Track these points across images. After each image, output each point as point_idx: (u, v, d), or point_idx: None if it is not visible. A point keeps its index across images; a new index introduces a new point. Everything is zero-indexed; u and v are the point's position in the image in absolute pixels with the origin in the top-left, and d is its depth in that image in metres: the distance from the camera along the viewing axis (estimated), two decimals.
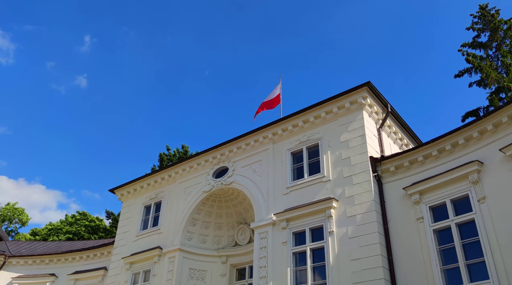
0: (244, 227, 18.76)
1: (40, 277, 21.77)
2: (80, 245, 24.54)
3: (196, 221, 18.75)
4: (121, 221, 21.59)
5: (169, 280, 17.37)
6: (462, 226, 11.99)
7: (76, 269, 21.79)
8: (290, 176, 16.23)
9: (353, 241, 13.40)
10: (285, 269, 14.44)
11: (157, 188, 20.78)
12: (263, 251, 15.32)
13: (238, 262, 18.31)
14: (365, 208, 13.63)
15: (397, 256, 12.72)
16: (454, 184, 12.40)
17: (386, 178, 14.13)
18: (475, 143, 12.54)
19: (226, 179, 18.16)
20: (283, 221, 15.27)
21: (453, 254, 11.76)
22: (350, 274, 12.96)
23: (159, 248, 18.42)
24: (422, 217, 12.66)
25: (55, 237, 38.59)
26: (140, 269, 18.82)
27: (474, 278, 11.12)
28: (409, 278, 12.17)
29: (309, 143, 16.41)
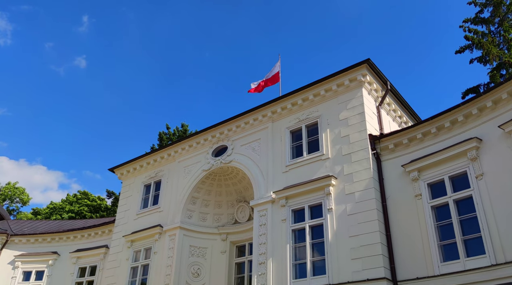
0: (243, 205, 18.90)
1: (43, 255, 22.04)
2: (81, 223, 24.78)
3: (196, 200, 18.87)
4: (121, 200, 21.74)
5: (170, 257, 17.59)
6: (459, 203, 12.09)
7: (77, 247, 22.05)
8: (289, 154, 16.26)
9: (351, 218, 13.51)
10: (285, 246, 14.60)
11: (156, 167, 20.84)
12: (262, 229, 15.46)
13: (238, 239, 18.52)
14: (364, 186, 13.69)
15: (395, 232, 12.85)
16: (453, 161, 12.43)
17: (385, 156, 14.15)
18: (474, 120, 12.51)
19: (225, 158, 18.20)
20: (282, 198, 15.37)
21: (450, 230, 11.89)
22: (349, 250, 13.11)
23: (159, 226, 18.59)
24: (420, 194, 12.74)
25: (57, 216, 38.93)
26: (141, 247, 19.04)
27: (471, 253, 11.28)
28: (407, 254, 12.32)
29: (308, 121, 16.37)
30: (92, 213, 40.53)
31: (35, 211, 41.67)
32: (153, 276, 17.80)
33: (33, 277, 21.73)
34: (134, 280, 18.52)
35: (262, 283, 14.49)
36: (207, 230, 18.65)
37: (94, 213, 40.66)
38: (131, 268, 18.87)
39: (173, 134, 40.33)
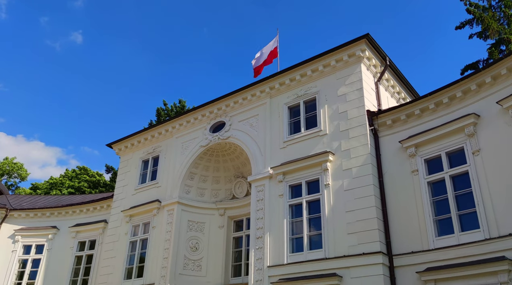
0: (241, 181, 19.01)
1: (42, 229, 22.27)
2: (80, 199, 24.95)
3: (193, 175, 18.96)
4: (119, 176, 21.83)
5: (168, 231, 17.79)
6: (456, 178, 12.19)
7: (77, 222, 22.26)
8: (287, 130, 16.26)
9: (348, 193, 13.63)
10: (282, 221, 14.77)
11: (154, 143, 20.85)
12: (260, 204, 15.61)
13: (235, 214, 18.71)
14: (361, 161, 13.76)
15: (391, 207, 12.99)
16: (450, 137, 12.47)
17: (383, 132, 14.17)
18: (472, 96, 12.49)
19: (223, 134, 18.19)
20: (279, 174, 15.45)
21: (445, 205, 12.03)
22: (345, 225, 13.27)
23: (157, 201, 18.74)
24: (417, 169, 12.83)
25: (57, 191, 39.13)
26: (139, 222, 19.24)
27: (465, 228, 11.44)
28: (402, 229, 12.49)
29: (306, 97, 16.31)
30: (92, 189, 40.75)
31: (34, 186, 41.83)
32: (152, 250, 18.05)
33: (33, 250, 22.02)
34: (133, 254, 18.78)
35: (260, 257, 14.72)
36: (205, 205, 18.81)
37: (93, 188, 40.89)
38: (130, 242, 19.11)
39: (170, 110, 40.21)
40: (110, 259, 19.38)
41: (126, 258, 18.80)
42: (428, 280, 11.32)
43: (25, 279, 21.46)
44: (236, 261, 18.26)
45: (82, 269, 21.09)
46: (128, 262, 18.74)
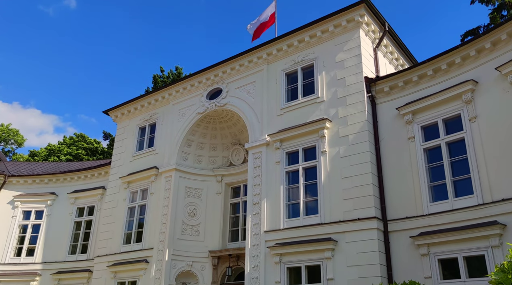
0: (238, 148, 19.08)
1: (41, 196, 22.46)
2: (78, 165, 25.05)
3: (191, 142, 19.00)
4: (116, 142, 21.86)
5: (166, 198, 17.99)
6: (451, 145, 12.26)
7: (75, 188, 22.44)
8: (284, 97, 16.19)
9: (344, 160, 13.72)
10: (278, 187, 14.93)
11: (151, 110, 20.77)
12: (257, 170, 15.72)
13: (233, 181, 18.87)
14: (358, 128, 13.78)
15: (387, 174, 13.12)
16: (447, 104, 12.46)
17: (380, 99, 14.12)
18: (471, 62, 12.39)
19: (220, 101, 18.11)
20: (276, 141, 15.50)
21: (441, 171, 12.15)
22: (341, 191, 13.43)
23: (155, 168, 18.85)
24: (413, 136, 12.88)
25: (55, 158, 39.22)
26: (137, 188, 19.41)
27: (459, 194, 11.61)
28: (398, 195, 12.66)
29: (304, 63, 16.15)
30: (89, 156, 40.85)
31: (32, 153, 41.86)
32: (150, 215, 18.30)
33: (33, 216, 22.30)
34: (132, 219, 19.05)
35: (256, 222, 14.95)
36: (203, 172, 18.95)
37: (91, 156, 40.98)
38: (128, 208, 19.34)
39: (167, 77, 39.86)
40: (109, 224, 19.66)
41: (124, 224, 19.08)
42: (421, 245, 11.57)
43: (26, 244, 21.83)
44: (233, 226, 18.57)
45: (81, 234, 21.43)
46: (126, 228, 19.03)
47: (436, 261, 11.30)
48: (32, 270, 21.00)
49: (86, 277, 19.93)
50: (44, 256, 21.34)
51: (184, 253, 17.33)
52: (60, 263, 20.97)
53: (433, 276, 11.17)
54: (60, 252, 21.22)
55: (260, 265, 14.26)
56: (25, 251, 21.72)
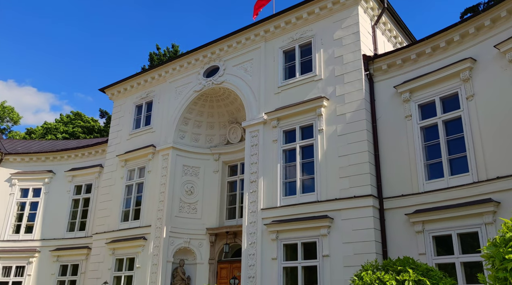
0: (235, 126, 19.06)
1: (38, 174, 22.50)
2: (75, 143, 25.02)
3: (188, 120, 18.95)
4: (113, 121, 21.79)
5: (163, 176, 18.05)
6: (448, 123, 12.28)
7: (72, 167, 22.46)
8: (281, 75, 16.10)
9: (341, 138, 13.75)
10: (275, 165, 14.98)
11: (147, 88, 20.64)
12: (254, 149, 15.75)
13: (230, 159, 18.92)
14: (355, 107, 13.76)
15: (383, 152, 13.17)
16: (445, 82, 12.42)
17: (378, 77, 14.06)
18: (470, 40, 12.29)
19: (217, 79, 17.99)
20: (274, 120, 15.48)
21: (437, 150, 12.20)
22: (337, 169, 13.50)
23: (152, 146, 18.85)
24: (410, 115, 12.87)
25: (52, 136, 39.10)
26: (135, 166, 19.45)
27: (455, 172, 11.69)
28: (394, 173, 12.73)
29: (301, 41, 15.99)
30: (86, 134, 40.73)
31: (29, 131, 41.68)
32: (147, 193, 18.39)
33: (31, 194, 22.38)
34: (129, 197, 19.15)
35: (253, 200, 15.07)
36: (200, 150, 18.97)
37: (88, 134, 40.88)
38: (126, 186, 19.42)
39: (163, 55, 39.47)
40: (106, 202, 19.78)
41: (122, 201, 19.19)
42: (416, 222, 11.71)
43: (24, 221, 21.98)
44: (231, 204, 18.71)
45: (79, 212, 21.56)
46: (124, 205, 19.15)
47: (431, 238, 11.45)
48: (31, 247, 21.20)
49: (85, 254, 20.15)
50: (42, 233, 21.52)
51: (181, 230, 17.51)
52: (58, 240, 21.16)
53: (427, 253, 11.35)
54: (58, 229, 21.39)
55: (257, 242, 14.43)
56: (24, 228, 21.88)
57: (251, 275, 14.18)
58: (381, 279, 7.35)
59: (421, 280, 7.17)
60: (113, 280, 18.01)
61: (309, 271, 13.29)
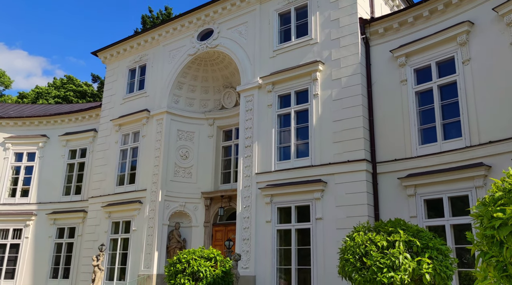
0: (230, 91, 18.93)
1: (32, 138, 22.41)
2: (68, 108, 24.80)
3: (182, 85, 18.78)
4: (106, 85, 21.55)
5: (158, 140, 18.05)
6: (443, 88, 12.26)
7: (66, 131, 22.36)
8: (277, 39, 15.85)
9: (336, 103, 13.72)
10: (270, 130, 15.00)
11: (140, 51, 20.30)
12: (248, 114, 15.71)
13: (224, 124, 18.90)
14: (351, 71, 13.66)
15: (378, 117, 13.19)
16: (441, 46, 12.30)
17: (374, 41, 13.89)
18: (469, 2, 12.06)
19: (211, 42, 17.71)
20: (269, 84, 15.37)
21: (431, 114, 12.24)
22: (332, 134, 13.54)
23: (146, 111, 18.74)
24: (406, 79, 12.82)
25: (44, 101, 38.69)
26: (129, 131, 19.40)
27: (448, 136, 11.78)
28: (388, 137, 12.80)
29: (297, 3, 15.67)
30: (79, 99, 40.34)
31: (21, 95, 41.17)
32: (142, 158, 18.44)
33: (25, 158, 22.37)
34: (124, 161, 19.21)
35: (248, 164, 15.17)
36: (194, 115, 18.90)
37: (80, 98, 40.48)
38: (121, 150, 19.44)
39: (156, 18, 38.61)
40: (101, 166, 19.83)
41: (117, 166, 19.26)
42: (408, 186, 11.88)
43: (20, 185, 22.06)
44: (225, 169, 18.83)
45: (75, 176, 21.65)
46: (119, 170, 19.23)
47: (422, 202, 11.67)
48: (27, 210, 21.39)
49: (81, 217, 20.38)
50: (38, 197, 21.66)
51: (177, 194, 17.68)
52: (55, 204, 21.34)
53: (418, 215, 11.58)
54: (54, 193, 21.53)
55: (252, 206, 14.64)
56: (20, 192, 22.00)
57: (246, 237, 14.46)
58: (372, 239, 7.53)
59: (412, 240, 7.35)
60: (110, 243, 18.32)
61: (302, 233, 13.57)
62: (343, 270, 7.82)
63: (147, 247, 16.93)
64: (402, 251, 7.13)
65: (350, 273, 7.63)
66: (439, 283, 7.08)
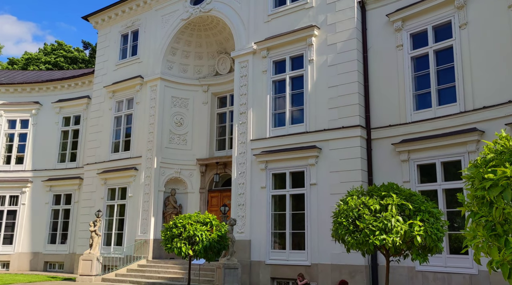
0: (224, 57, 18.69)
1: (25, 105, 22.19)
2: (60, 74, 24.45)
3: (175, 50, 18.51)
4: (98, 51, 21.20)
5: (152, 107, 17.95)
6: (439, 53, 12.16)
7: (59, 98, 22.14)
8: (271, 3, 15.54)
9: (331, 69, 13.61)
10: (265, 97, 14.93)
11: (133, 16, 19.86)
12: (243, 80, 15.59)
13: (219, 91, 18.77)
14: (347, 36, 13.48)
15: (373, 83, 13.13)
16: (439, 10, 12.11)
17: (370, 5, 13.63)
18: None
19: (204, 6, 17.33)
20: (263, 49, 15.18)
21: (426, 80, 12.19)
22: (327, 100, 13.51)
23: (140, 77, 18.54)
24: (402, 44, 12.68)
25: (35, 67, 38.07)
26: (123, 98, 19.25)
27: (443, 102, 11.78)
28: (382, 103, 12.79)
29: None
30: (70, 65, 39.71)
31: (11, 61, 40.44)
32: (137, 125, 18.39)
33: (18, 125, 22.23)
34: (119, 128, 19.15)
35: (243, 131, 15.17)
36: (188, 82, 18.73)
37: (71, 64, 39.84)
38: (115, 117, 19.35)
39: None
40: (96, 133, 19.78)
41: (112, 133, 19.21)
42: (402, 151, 11.97)
43: (14, 152, 22.02)
44: (220, 135, 18.85)
45: (69, 143, 21.61)
46: (114, 137, 19.20)
47: (415, 167, 11.79)
48: (23, 177, 21.45)
49: (77, 184, 20.48)
50: (33, 164, 21.67)
51: (172, 161, 17.76)
52: (50, 171, 21.39)
53: (411, 180, 11.73)
54: (49, 160, 21.54)
55: (247, 172, 14.75)
56: (14, 159, 21.99)
57: (241, 203, 14.64)
58: (365, 203, 7.65)
59: (404, 204, 7.48)
60: (106, 209, 18.51)
61: (296, 198, 13.75)
62: (337, 233, 7.98)
63: (144, 213, 17.14)
64: (394, 214, 7.27)
65: (343, 235, 7.79)
66: (430, 244, 7.25)
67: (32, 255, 20.77)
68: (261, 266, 13.77)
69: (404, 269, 11.30)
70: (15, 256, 20.71)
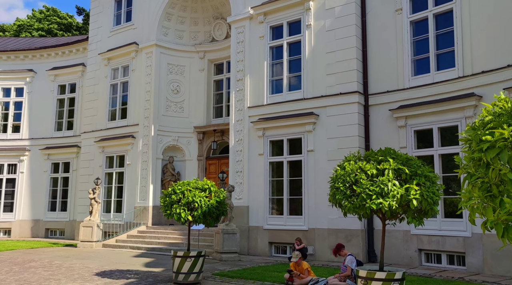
0: (220, 22, 18.37)
1: (19, 73, 21.91)
2: (54, 41, 24.03)
3: (170, 16, 18.15)
4: (92, 17, 20.77)
5: (148, 74, 17.77)
6: (439, 17, 11.95)
7: (53, 66, 21.85)
8: None
9: (329, 34, 13.42)
10: (262, 63, 14.77)
11: None
12: (240, 46, 15.37)
13: (215, 57, 18.55)
14: (345, 0, 13.22)
15: (371, 48, 12.96)
16: None
17: None
18: None
19: None
20: (260, 14, 14.91)
21: (425, 45, 12.03)
22: (324, 66, 13.38)
23: (135, 44, 18.26)
24: (401, 8, 12.45)
25: (27, 34, 37.33)
26: (118, 65, 19.02)
27: (441, 67, 11.67)
28: (380, 69, 12.67)
29: None
30: (63, 32, 38.97)
31: (2, 28, 39.62)
32: (133, 92, 18.26)
33: (13, 93, 22.04)
34: (115, 96, 19.02)
35: (240, 98, 15.09)
36: (184, 48, 18.48)
37: (65, 31, 39.09)
38: (111, 85, 19.18)
39: None
40: (92, 101, 19.66)
41: (108, 101, 19.09)
42: (399, 117, 11.97)
43: (10, 121, 21.92)
44: (217, 103, 18.77)
45: (65, 112, 21.50)
46: (110, 105, 19.10)
47: (412, 132, 11.82)
48: (20, 146, 21.44)
49: (75, 152, 20.52)
50: (30, 132, 21.62)
51: (169, 128, 17.74)
52: (47, 139, 21.37)
53: (408, 146, 11.79)
54: (46, 128, 21.48)
55: (244, 139, 14.77)
56: (11, 128, 21.91)
57: (239, 169, 14.74)
58: (362, 168, 7.69)
59: (401, 168, 7.52)
60: (105, 177, 18.62)
61: (294, 165, 13.84)
62: (334, 198, 8.04)
63: (142, 180, 17.26)
64: (391, 178, 7.31)
65: (340, 200, 7.86)
66: (426, 208, 7.35)
67: (33, 222, 21.03)
68: (259, 231, 14.02)
69: (399, 233, 11.52)
70: (16, 223, 20.97)
